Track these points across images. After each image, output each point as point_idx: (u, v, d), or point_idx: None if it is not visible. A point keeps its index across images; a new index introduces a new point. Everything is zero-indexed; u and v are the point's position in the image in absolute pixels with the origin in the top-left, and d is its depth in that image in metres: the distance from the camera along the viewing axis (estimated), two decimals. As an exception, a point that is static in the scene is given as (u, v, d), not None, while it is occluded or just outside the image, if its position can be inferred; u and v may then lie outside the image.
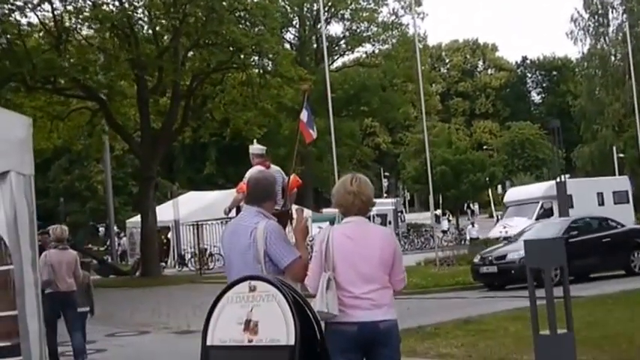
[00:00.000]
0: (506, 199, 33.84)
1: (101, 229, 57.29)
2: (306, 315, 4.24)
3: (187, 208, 36.75)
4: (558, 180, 24.70)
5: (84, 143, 37.88)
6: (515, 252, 18.30)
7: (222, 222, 33.74)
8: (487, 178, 48.89)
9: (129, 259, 43.83)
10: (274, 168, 10.40)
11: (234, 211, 10.41)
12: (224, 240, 5.44)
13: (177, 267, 35.69)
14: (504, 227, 30.78)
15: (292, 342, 3.91)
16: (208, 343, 4.35)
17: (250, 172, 9.85)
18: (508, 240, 21.45)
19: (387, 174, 74.45)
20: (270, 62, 29.76)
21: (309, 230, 5.78)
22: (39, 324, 6.41)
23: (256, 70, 31.20)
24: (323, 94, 52.48)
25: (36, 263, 6.43)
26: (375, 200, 5.24)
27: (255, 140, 11.57)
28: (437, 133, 65.70)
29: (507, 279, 17.47)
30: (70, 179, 57.85)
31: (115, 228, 44.90)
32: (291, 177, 10.39)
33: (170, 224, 36.82)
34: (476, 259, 18.90)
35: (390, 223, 48.83)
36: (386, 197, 60.46)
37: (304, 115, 10.69)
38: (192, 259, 34.82)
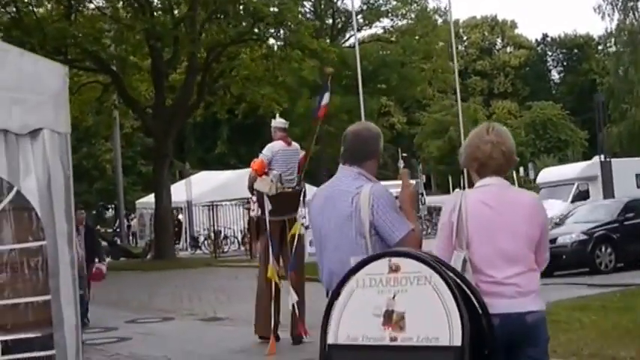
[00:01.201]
0: (539, 180, 32.80)
1: (108, 211, 56.64)
2: (472, 303, 3.22)
3: (200, 189, 35.92)
4: (602, 159, 23.66)
5: (95, 120, 37.02)
6: (567, 235, 17.38)
7: (236, 203, 32.93)
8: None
9: (139, 240, 43.07)
10: (295, 145, 10.64)
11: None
12: (313, 210, 4.46)
13: (189, 250, 34.87)
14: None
15: (458, 342, 2.91)
16: (331, 340, 3.25)
17: (270, 147, 10.39)
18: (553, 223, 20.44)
19: (404, 154, 73.27)
20: (290, 34, 28.59)
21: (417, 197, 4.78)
22: (75, 311, 5.52)
23: (276, 43, 30.15)
24: (337, 71, 51.70)
25: (72, 239, 5.53)
26: (397, 182, 4.52)
27: (277, 114, 11.50)
28: (455, 113, 64.47)
29: (557, 264, 16.45)
30: (77, 158, 56.90)
31: (124, 209, 44.09)
32: (301, 154, 10.61)
33: (182, 205, 35.99)
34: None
35: (410, 205, 47.80)
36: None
37: (327, 98, 10.54)
38: (206, 242, 34.00)
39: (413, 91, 55.83)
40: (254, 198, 10.67)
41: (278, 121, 10.83)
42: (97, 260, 13.18)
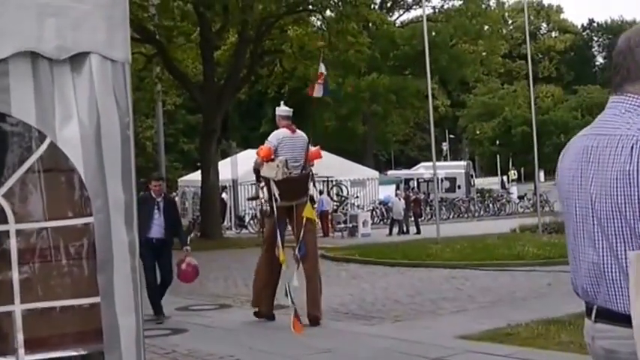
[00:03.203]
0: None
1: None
2: None
3: (245, 167, 34.19)
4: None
5: (137, 95, 35.41)
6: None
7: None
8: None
9: (181, 219, 41.54)
10: (299, 133, 10.52)
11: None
12: (562, 171, 2.59)
13: (235, 229, 33.28)
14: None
15: None
16: None
17: (275, 134, 10.42)
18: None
19: (452, 136, 71.14)
20: (347, 4, 26.50)
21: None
22: (137, 318, 3.76)
23: (333, 14, 28.05)
24: (385, 50, 49.67)
25: (133, 216, 3.75)
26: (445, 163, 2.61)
27: (282, 102, 11.24)
28: (502, 96, 62.35)
29: None
30: (117, 136, 55.54)
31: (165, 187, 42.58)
32: (315, 148, 10.84)
33: (227, 184, 34.39)
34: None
35: (459, 187, 45.82)
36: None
37: (322, 68, 10.86)
38: (252, 221, 32.36)
39: (462, 73, 53.46)
40: (261, 184, 10.63)
41: (282, 109, 10.75)
42: (185, 250, 11.22)
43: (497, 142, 47.54)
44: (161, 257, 10.92)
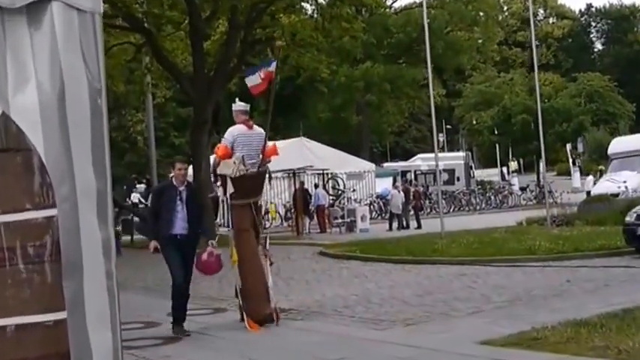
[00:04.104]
0: (610, 151, 30.08)
1: (138, 186, 54.46)
2: None
3: (238, 161, 33.49)
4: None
5: (128, 88, 34.70)
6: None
7: (278, 176, 30.52)
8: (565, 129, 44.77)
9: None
10: (257, 129, 10.46)
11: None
12: None
13: (229, 226, 32.47)
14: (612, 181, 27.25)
15: None
16: None
17: (230, 131, 10.35)
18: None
19: (449, 126, 70.41)
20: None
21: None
22: (114, 337, 3.05)
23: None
24: (379, 37, 48.90)
25: (108, 206, 3.05)
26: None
27: (237, 98, 11.05)
28: (499, 84, 61.70)
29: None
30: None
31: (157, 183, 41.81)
32: (272, 144, 10.78)
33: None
34: (630, 218, 15.23)
35: (458, 179, 45.17)
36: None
37: (273, 67, 10.48)
38: (247, 218, 31.62)
39: (458, 61, 52.74)
40: (218, 183, 10.74)
41: (239, 105, 10.62)
42: (210, 243, 10.09)
43: (497, 131, 46.80)
44: (185, 257, 9.73)
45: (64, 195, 2.80)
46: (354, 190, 33.88)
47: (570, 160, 51.93)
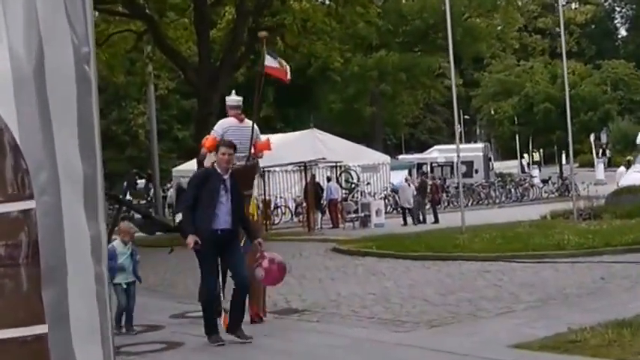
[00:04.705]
0: (639, 140, 29.58)
1: (140, 181, 54.32)
2: None
3: (245, 155, 33.21)
4: None
5: (128, 79, 34.42)
6: None
7: (289, 169, 30.14)
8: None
9: (176, 213, 40.39)
10: (248, 122, 10.47)
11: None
12: None
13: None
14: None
15: None
16: None
17: (220, 123, 10.54)
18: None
19: (466, 117, 69.81)
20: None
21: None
22: (105, 352, 2.67)
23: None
24: (394, 24, 48.35)
25: (98, 197, 2.67)
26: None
27: (233, 91, 11.26)
28: (518, 73, 61.16)
29: None
30: (107, 123, 54.74)
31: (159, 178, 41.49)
32: (265, 138, 10.91)
33: (227, 171, 33.37)
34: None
35: (476, 171, 44.65)
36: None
37: (269, 61, 10.72)
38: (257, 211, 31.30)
39: (476, 48, 52.11)
40: None
41: (232, 99, 10.80)
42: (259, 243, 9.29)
43: (518, 120, 46.21)
44: (229, 254, 8.86)
45: (43, 183, 2.41)
46: (368, 184, 33.50)
47: (594, 151, 51.34)
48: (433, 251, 16.58)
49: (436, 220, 27.41)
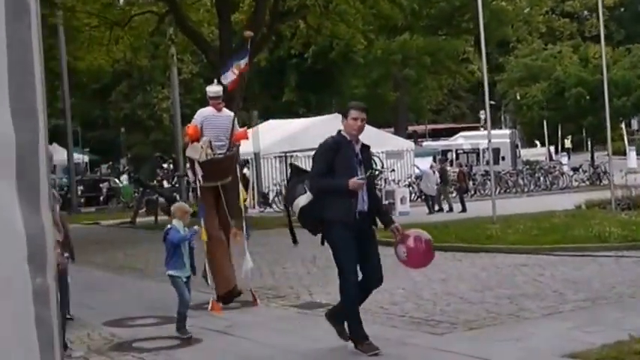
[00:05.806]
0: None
1: (165, 164, 54.05)
2: None
3: (268, 139, 32.70)
4: None
5: (152, 63, 33.75)
6: None
7: (310, 155, 29.30)
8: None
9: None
10: (226, 111, 10.88)
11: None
12: None
13: (258, 207, 31.51)
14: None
15: None
16: None
17: (199, 112, 10.91)
18: None
19: (493, 102, 68.44)
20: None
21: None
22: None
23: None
24: (419, 6, 47.20)
25: (38, 179, 1.78)
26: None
27: (215, 80, 11.22)
28: (546, 57, 59.89)
29: None
30: (132, 107, 54.44)
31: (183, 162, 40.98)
32: (242, 129, 11.32)
33: (249, 157, 32.59)
34: None
35: (503, 159, 43.56)
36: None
37: (245, 60, 10.90)
38: (277, 198, 30.60)
39: (502, 32, 50.91)
40: (187, 165, 11.30)
41: (212, 90, 10.94)
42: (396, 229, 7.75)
43: (548, 106, 44.96)
44: (366, 244, 7.44)
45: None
46: (392, 170, 32.64)
47: (626, 139, 50.04)
48: (465, 242, 15.64)
49: (463, 209, 26.44)
